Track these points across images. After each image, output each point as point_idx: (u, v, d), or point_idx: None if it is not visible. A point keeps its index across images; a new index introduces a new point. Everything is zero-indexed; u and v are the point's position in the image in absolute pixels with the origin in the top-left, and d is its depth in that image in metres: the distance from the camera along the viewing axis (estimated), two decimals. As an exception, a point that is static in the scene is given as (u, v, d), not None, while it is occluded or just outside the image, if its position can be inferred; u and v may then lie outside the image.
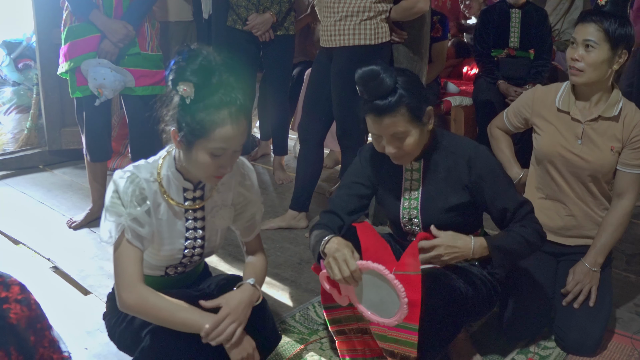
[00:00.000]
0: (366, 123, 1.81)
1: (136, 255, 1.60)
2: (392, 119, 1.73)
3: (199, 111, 1.50)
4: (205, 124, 1.50)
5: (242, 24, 3.46)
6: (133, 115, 3.04)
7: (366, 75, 1.73)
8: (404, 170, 1.95)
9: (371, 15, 2.74)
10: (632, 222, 3.28)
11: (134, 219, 1.57)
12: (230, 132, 1.51)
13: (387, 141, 1.78)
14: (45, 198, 3.53)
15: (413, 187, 1.94)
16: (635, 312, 2.44)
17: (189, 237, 1.72)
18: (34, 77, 4.20)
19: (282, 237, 3.09)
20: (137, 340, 1.62)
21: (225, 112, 1.50)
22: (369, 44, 2.78)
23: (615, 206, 2.17)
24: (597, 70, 2.04)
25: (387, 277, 1.64)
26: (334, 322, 1.98)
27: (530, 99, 2.27)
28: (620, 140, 2.12)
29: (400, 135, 1.76)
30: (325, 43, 2.87)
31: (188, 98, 1.50)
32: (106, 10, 2.84)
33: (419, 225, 1.94)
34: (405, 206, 1.95)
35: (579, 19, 2.10)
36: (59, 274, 2.64)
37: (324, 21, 2.85)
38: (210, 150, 1.53)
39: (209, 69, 1.50)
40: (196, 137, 1.52)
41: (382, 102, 1.72)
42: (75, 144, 3.97)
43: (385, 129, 1.75)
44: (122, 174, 1.59)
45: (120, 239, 1.59)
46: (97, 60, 2.83)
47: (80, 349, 2.10)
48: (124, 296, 1.58)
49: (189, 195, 1.69)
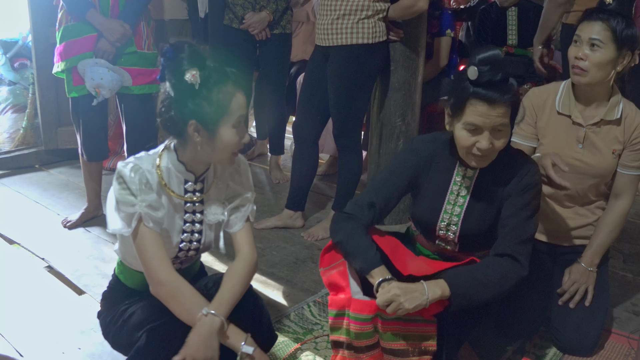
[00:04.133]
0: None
1: (158, 239, 1.61)
2: (504, 109, 1.65)
3: (212, 92, 1.55)
4: (223, 101, 1.56)
5: (238, 22, 3.46)
6: (129, 114, 3.03)
7: (493, 58, 1.63)
8: (455, 174, 1.86)
9: (369, 14, 2.73)
10: (629, 220, 3.28)
11: (148, 205, 1.59)
12: (242, 98, 1.60)
13: (487, 135, 1.67)
14: (41, 197, 3.52)
15: (461, 193, 1.86)
16: (632, 311, 2.43)
17: (187, 231, 1.72)
18: (30, 76, 4.20)
19: (278, 237, 3.08)
20: (133, 340, 1.61)
21: (230, 84, 1.57)
22: (366, 43, 2.77)
23: (612, 206, 2.16)
24: (602, 70, 2.00)
25: None
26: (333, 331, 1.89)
27: (532, 101, 2.20)
28: (622, 142, 2.09)
29: (501, 129, 1.67)
30: (321, 42, 2.86)
31: (197, 84, 1.53)
32: (103, 10, 2.83)
33: (455, 233, 1.87)
34: (447, 210, 1.87)
35: (584, 16, 2.05)
36: (53, 274, 2.63)
37: (320, 20, 2.84)
38: (233, 123, 1.58)
39: (200, 54, 1.55)
40: (220, 116, 1.56)
41: (498, 90, 1.63)
42: (71, 144, 3.95)
43: (495, 118, 1.64)
44: (125, 165, 1.60)
45: (137, 227, 1.59)
46: (95, 60, 2.81)
47: (73, 348, 2.09)
48: (160, 280, 1.59)
49: (189, 188, 1.70)
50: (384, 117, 3.06)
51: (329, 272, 1.83)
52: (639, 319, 2.36)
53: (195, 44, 1.57)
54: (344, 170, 3.02)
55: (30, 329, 2.20)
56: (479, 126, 1.66)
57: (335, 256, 1.83)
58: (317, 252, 2.89)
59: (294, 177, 3.17)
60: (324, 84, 2.91)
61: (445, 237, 1.91)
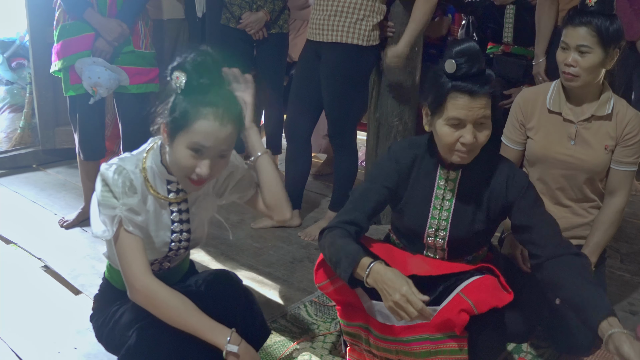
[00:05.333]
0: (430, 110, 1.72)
1: (138, 244, 1.58)
2: (485, 101, 1.64)
3: (186, 102, 1.50)
4: (188, 115, 1.49)
5: (235, 22, 3.45)
6: (126, 113, 3.03)
7: (469, 50, 1.62)
8: (438, 177, 1.83)
9: (366, 14, 2.73)
10: (627, 220, 3.29)
11: (129, 208, 1.56)
12: (210, 127, 1.49)
13: (470, 128, 1.65)
14: (38, 197, 3.52)
15: (446, 196, 1.82)
16: (629, 310, 2.43)
17: (175, 230, 1.71)
18: (28, 76, 4.18)
19: (275, 236, 3.08)
20: (124, 340, 1.60)
21: (210, 109, 1.49)
22: (361, 44, 2.77)
23: (608, 204, 2.16)
24: (593, 73, 2.02)
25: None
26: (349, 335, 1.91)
27: (520, 102, 2.23)
28: (614, 137, 2.10)
29: (483, 121, 1.66)
30: (314, 36, 2.86)
31: (179, 88, 1.50)
32: (100, 9, 2.82)
33: (444, 238, 1.83)
34: (434, 216, 1.83)
35: (567, 21, 2.05)
36: (50, 274, 2.63)
37: (316, 14, 2.84)
38: (188, 145, 1.50)
39: (206, 67, 1.50)
40: (178, 128, 1.51)
41: (477, 83, 1.62)
42: (68, 143, 3.95)
43: (476, 111, 1.63)
44: (108, 167, 1.58)
45: (118, 230, 1.57)
46: (92, 59, 2.81)
47: (70, 348, 2.08)
48: (135, 286, 1.56)
49: (172, 188, 1.68)
50: (381, 116, 3.06)
51: (329, 288, 1.82)
52: (636, 319, 2.36)
53: (219, 62, 1.54)
54: (339, 169, 3.03)
55: (26, 329, 2.19)
56: (462, 120, 1.65)
57: (327, 270, 1.81)
58: (314, 252, 2.89)
59: (289, 175, 3.18)
60: (315, 81, 2.92)
61: (434, 244, 1.87)
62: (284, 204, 1.83)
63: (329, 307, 2.37)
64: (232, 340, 1.55)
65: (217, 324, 1.57)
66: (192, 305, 1.57)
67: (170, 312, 1.55)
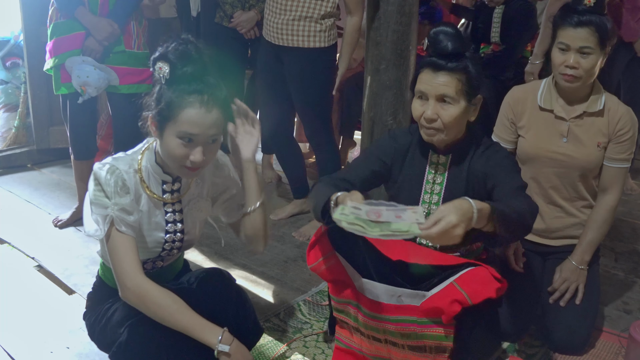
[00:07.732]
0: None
1: (130, 244, 1.59)
2: (448, 78, 1.70)
3: (170, 92, 1.51)
4: (173, 106, 1.51)
5: (228, 20, 3.45)
6: (117, 113, 3.02)
7: (443, 30, 1.72)
8: (429, 162, 1.88)
9: (322, 14, 2.81)
10: (621, 219, 3.28)
11: (121, 208, 1.56)
12: (196, 115, 1.51)
13: (432, 103, 1.72)
14: (32, 197, 3.51)
15: (437, 180, 1.87)
16: (623, 309, 2.43)
17: (169, 231, 1.71)
18: (22, 75, 4.18)
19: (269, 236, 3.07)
20: (116, 337, 1.60)
21: (195, 97, 1.51)
22: (323, 46, 2.87)
23: (600, 202, 2.16)
24: (593, 73, 2.02)
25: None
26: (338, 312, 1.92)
27: (510, 101, 2.22)
28: (606, 134, 2.10)
29: (447, 100, 1.71)
30: (273, 39, 2.91)
31: (163, 78, 1.51)
32: (92, 8, 2.81)
33: None
34: (425, 200, 1.88)
35: (563, 21, 2.02)
36: (43, 273, 2.62)
37: (272, 17, 2.88)
38: (177, 134, 1.52)
39: (189, 56, 1.52)
40: (165, 119, 1.52)
41: (445, 59, 1.70)
42: (63, 143, 3.94)
43: (437, 87, 1.70)
44: (102, 166, 1.58)
45: (110, 230, 1.57)
46: (82, 58, 2.80)
47: (62, 347, 2.07)
48: (126, 285, 1.57)
49: (167, 188, 1.69)
50: (375, 115, 3.05)
51: (321, 268, 1.82)
52: (630, 318, 2.36)
53: (203, 51, 1.55)
54: (323, 167, 3.13)
55: (19, 328, 2.18)
56: (424, 92, 1.74)
57: (319, 251, 1.82)
58: (308, 251, 2.88)
59: (287, 170, 3.29)
60: (281, 84, 3.01)
61: None
62: (260, 241, 1.85)
63: (322, 306, 2.37)
64: (223, 340, 1.55)
65: (208, 323, 1.57)
66: (183, 304, 1.57)
67: (162, 311, 1.55)
